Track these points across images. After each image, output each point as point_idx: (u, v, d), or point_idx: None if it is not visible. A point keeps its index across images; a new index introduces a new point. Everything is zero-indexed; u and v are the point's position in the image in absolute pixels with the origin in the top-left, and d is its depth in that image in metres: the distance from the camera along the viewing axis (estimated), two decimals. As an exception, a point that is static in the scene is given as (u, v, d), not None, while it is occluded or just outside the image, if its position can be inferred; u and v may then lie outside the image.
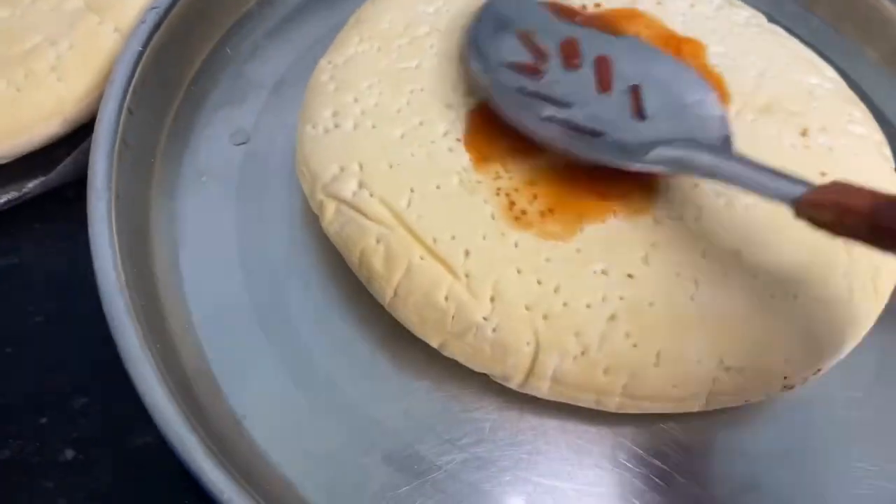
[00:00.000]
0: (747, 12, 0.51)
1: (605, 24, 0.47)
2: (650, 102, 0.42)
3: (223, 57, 0.51)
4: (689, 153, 0.39)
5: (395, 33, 0.47)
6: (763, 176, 0.36)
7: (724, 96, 0.46)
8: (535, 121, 0.42)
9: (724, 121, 0.41)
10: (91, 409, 0.41)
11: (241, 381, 0.40)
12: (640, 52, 0.45)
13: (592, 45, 0.45)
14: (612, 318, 0.38)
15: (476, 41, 0.44)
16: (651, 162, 0.39)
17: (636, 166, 0.39)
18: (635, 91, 0.43)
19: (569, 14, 0.47)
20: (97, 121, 0.41)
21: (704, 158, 0.38)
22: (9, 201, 0.44)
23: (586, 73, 0.44)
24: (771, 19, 0.52)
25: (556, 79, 0.44)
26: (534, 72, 0.44)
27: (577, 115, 0.42)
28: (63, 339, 0.42)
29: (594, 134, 0.41)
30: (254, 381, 0.40)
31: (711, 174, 0.38)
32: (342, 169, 0.41)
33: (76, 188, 0.46)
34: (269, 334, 0.42)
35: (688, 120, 0.41)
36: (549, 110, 0.42)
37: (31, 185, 0.44)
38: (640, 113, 0.42)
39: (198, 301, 0.42)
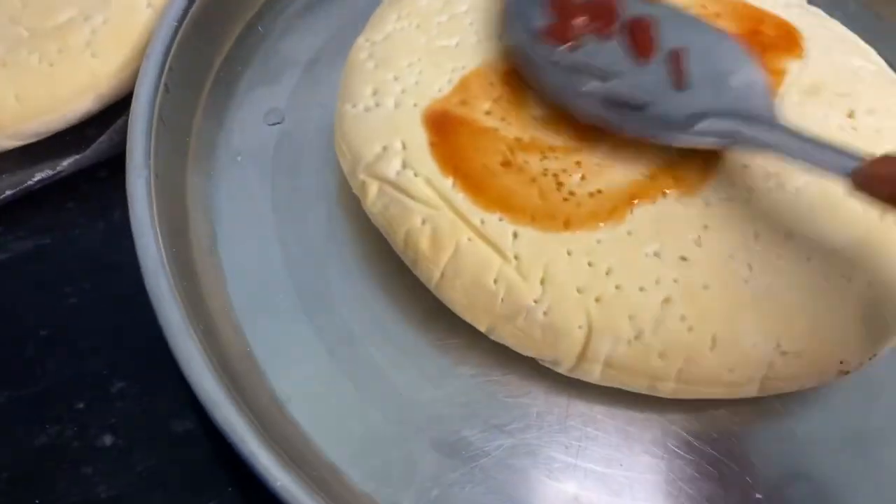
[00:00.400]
0: (787, -6, 0.50)
1: None
2: (692, 72, 0.41)
3: (255, 35, 0.50)
4: (736, 125, 0.38)
5: (434, 10, 0.46)
6: (815, 148, 0.35)
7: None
8: (575, 95, 0.41)
9: (768, 91, 0.40)
10: (129, 394, 0.40)
11: (284, 364, 0.39)
12: (678, 19, 0.43)
13: (629, 8, 0.43)
14: (667, 301, 0.37)
15: (510, 9, 0.44)
16: (697, 134, 0.38)
17: (682, 139, 0.39)
18: (676, 59, 0.41)
19: None
20: (134, 96, 0.40)
21: (753, 130, 0.37)
22: (42, 180, 0.43)
23: (623, 41, 0.42)
24: (810, 2, 0.51)
25: (592, 48, 0.42)
26: (567, 40, 0.42)
27: (618, 87, 0.41)
28: (99, 321, 0.41)
29: (637, 107, 0.40)
30: (296, 365, 0.39)
31: (760, 146, 0.37)
32: (385, 148, 0.40)
33: (109, 167, 0.45)
34: (310, 317, 0.41)
35: (732, 91, 0.40)
36: (589, 84, 0.41)
37: (65, 164, 0.43)
38: (681, 83, 0.40)
39: (237, 283, 0.41)
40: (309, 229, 0.43)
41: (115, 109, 0.45)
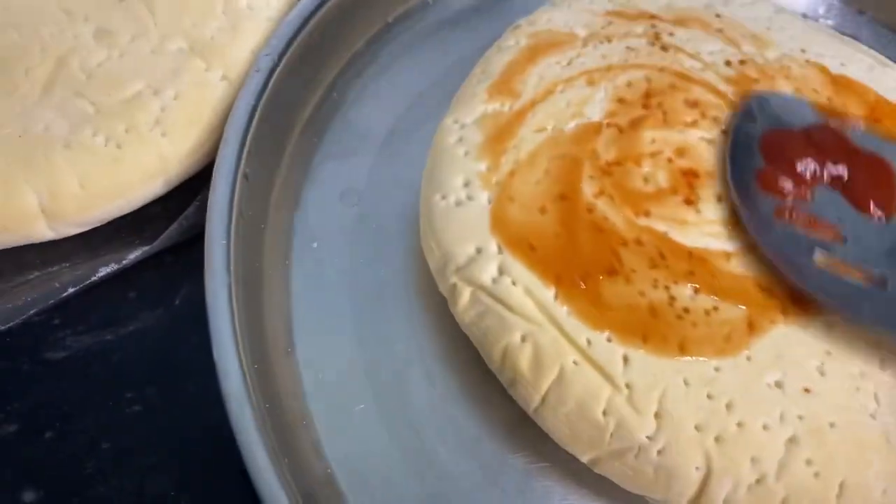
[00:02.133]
0: (897, 72, 0.47)
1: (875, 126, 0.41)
2: None
3: (331, 103, 0.46)
4: None
5: (527, 90, 0.42)
6: None
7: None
8: (807, 267, 0.36)
9: None
10: (196, 514, 0.36)
11: (365, 488, 0.36)
12: None
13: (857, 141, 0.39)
14: (792, 441, 0.34)
15: (734, 147, 0.39)
16: None
17: None
18: None
19: (838, 116, 0.41)
20: (210, 192, 0.37)
21: None
22: (107, 274, 0.40)
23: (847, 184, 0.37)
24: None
25: (818, 201, 0.37)
26: (784, 192, 0.37)
27: (850, 257, 0.35)
28: (164, 432, 0.38)
29: (877, 283, 0.35)
30: (379, 490, 0.36)
31: None
32: (479, 250, 0.37)
33: (173, 251, 0.41)
34: (392, 433, 0.38)
35: None
36: (819, 251, 0.36)
37: (132, 257, 0.40)
38: None
39: (315, 391, 0.39)
40: (388, 327, 0.41)
41: (182, 189, 0.41)
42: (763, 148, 0.39)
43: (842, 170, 0.38)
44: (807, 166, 0.37)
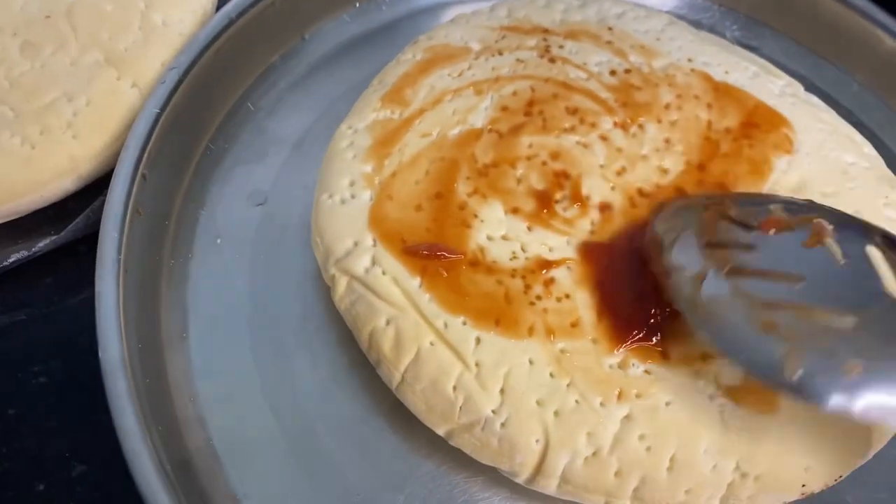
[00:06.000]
0: (783, 81, 0.49)
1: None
2: None
3: (245, 112, 0.50)
4: None
5: (418, 99, 0.46)
6: None
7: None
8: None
9: None
10: (89, 478, 0.40)
11: (244, 459, 0.39)
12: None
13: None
14: (627, 418, 0.36)
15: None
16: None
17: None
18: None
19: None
20: (108, 191, 0.40)
21: None
22: (17, 260, 0.44)
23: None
24: (810, 86, 0.50)
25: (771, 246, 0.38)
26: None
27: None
28: (66, 401, 0.42)
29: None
30: (256, 460, 0.39)
31: None
32: (356, 244, 0.41)
33: (88, 242, 0.45)
34: (274, 410, 0.41)
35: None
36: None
37: (42, 244, 0.44)
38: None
39: (204, 372, 0.41)
40: (281, 317, 0.43)
41: (98, 185, 0.45)
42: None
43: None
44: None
